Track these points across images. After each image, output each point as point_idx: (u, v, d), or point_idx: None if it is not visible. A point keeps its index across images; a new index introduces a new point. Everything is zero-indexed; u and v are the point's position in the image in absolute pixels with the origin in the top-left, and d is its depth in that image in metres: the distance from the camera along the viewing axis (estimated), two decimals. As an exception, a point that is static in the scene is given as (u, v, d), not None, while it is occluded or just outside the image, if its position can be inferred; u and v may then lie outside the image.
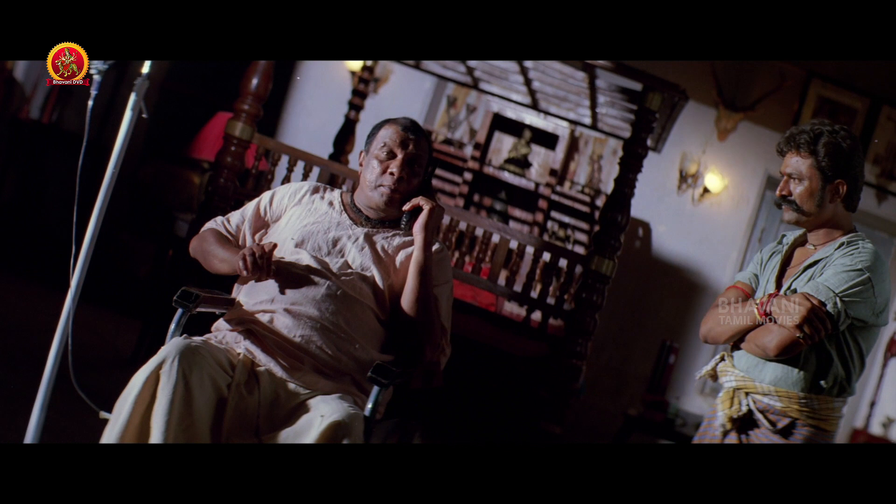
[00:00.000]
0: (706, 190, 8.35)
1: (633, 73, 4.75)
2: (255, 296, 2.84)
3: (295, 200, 3.07)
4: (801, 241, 3.08)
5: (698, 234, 8.40)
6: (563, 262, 5.55)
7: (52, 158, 7.69)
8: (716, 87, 8.27)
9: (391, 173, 2.93)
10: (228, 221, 3.09)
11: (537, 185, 8.19)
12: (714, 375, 3.09)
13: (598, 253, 4.86)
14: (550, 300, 5.23)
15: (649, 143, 4.96)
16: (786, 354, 2.83)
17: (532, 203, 8.24)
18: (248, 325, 2.79)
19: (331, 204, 3.04)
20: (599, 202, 8.11)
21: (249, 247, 2.79)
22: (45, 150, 7.65)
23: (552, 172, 8.27)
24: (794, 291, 2.88)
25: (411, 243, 2.97)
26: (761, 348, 2.87)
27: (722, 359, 3.06)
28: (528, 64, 5.54)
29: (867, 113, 8.17)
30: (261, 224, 3.08)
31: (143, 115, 2.76)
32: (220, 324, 2.87)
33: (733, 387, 2.97)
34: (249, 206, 3.11)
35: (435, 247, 2.99)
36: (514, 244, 6.11)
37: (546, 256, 5.50)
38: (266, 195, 3.12)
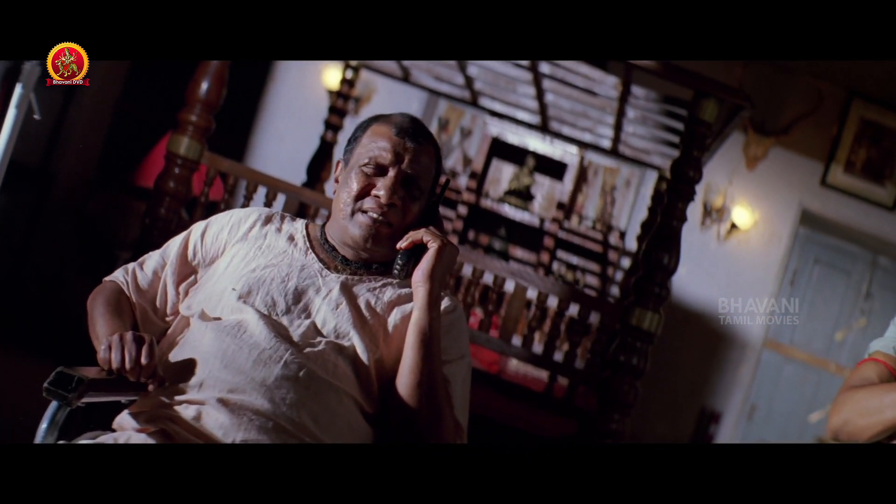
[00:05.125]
0: (733, 226, 8.08)
1: (684, 75, 4.06)
2: (176, 377, 2.01)
3: (238, 234, 2.25)
4: None
5: (724, 277, 8.07)
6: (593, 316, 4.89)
7: (-7, 188, 7.18)
8: (744, 109, 7.84)
9: (376, 196, 2.10)
10: (142, 267, 2.27)
11: (542, 220, 7.85)
12: None
13: (639, 304, 4.16)
14: (578, 363, 4.59)
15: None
16: None
17: (536, 241, 7.87)
18: (164, 424, 1.98)
19: (291, 239, 2.23)
20: (612, 239, 7.85)
21: (118, 336, 1.98)
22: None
23: (559, 206, 7.92)
24: None
25: (409, 298, 2.17)
26: None
27: None
28: (545, 69, 4.84)
29: (915, 137, 7.93)
30: (189, 270, 2.25)
31: (35, 116, 2.52)
32: (124, 419, 2.07)
33: None
34: (174, 244, 2.29)
35: (445, 303, 2.17)
36: (531, 293, 5.38)
37: (573, 309, 4.84)
38: (197, 227, 2.30)
